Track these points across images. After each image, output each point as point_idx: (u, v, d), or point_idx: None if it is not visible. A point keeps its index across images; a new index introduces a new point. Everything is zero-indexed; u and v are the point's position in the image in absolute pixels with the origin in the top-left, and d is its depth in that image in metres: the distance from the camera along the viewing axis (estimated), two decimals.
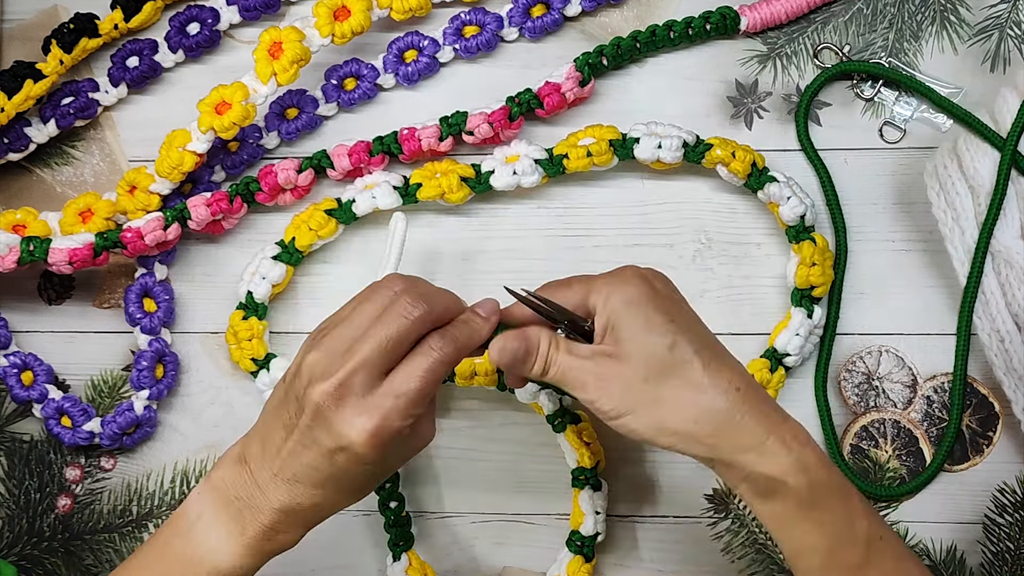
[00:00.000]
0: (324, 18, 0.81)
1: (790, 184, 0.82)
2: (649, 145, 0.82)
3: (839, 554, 0.64)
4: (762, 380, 0.81)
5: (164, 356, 0.84)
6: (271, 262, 0.83)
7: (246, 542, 0.66)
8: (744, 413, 0.64)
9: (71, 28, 0.85)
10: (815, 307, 0.82)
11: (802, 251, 0.81)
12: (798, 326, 0.81)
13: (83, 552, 0.85)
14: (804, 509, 0.64)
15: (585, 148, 0.82)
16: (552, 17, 0.86)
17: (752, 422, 0.64)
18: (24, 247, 0.81)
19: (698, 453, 0.65)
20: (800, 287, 0.81)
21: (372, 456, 0.64)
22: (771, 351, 0.82)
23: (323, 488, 0.66)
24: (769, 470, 0.63)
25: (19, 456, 0.85)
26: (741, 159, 0.81)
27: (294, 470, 0.66)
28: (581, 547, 0.81)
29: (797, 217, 0.81)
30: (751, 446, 0.64)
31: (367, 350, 0.64)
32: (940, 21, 0.85)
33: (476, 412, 0.84)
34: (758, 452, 0.64)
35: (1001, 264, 0.79)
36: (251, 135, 0.86)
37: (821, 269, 0.81)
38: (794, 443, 0.64)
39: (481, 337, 0.68)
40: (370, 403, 0.64)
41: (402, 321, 0.65)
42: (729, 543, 0.83)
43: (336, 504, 0.67)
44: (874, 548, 0.64)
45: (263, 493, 0.66)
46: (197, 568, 0.66)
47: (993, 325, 0.80)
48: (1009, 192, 0.79)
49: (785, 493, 0.64)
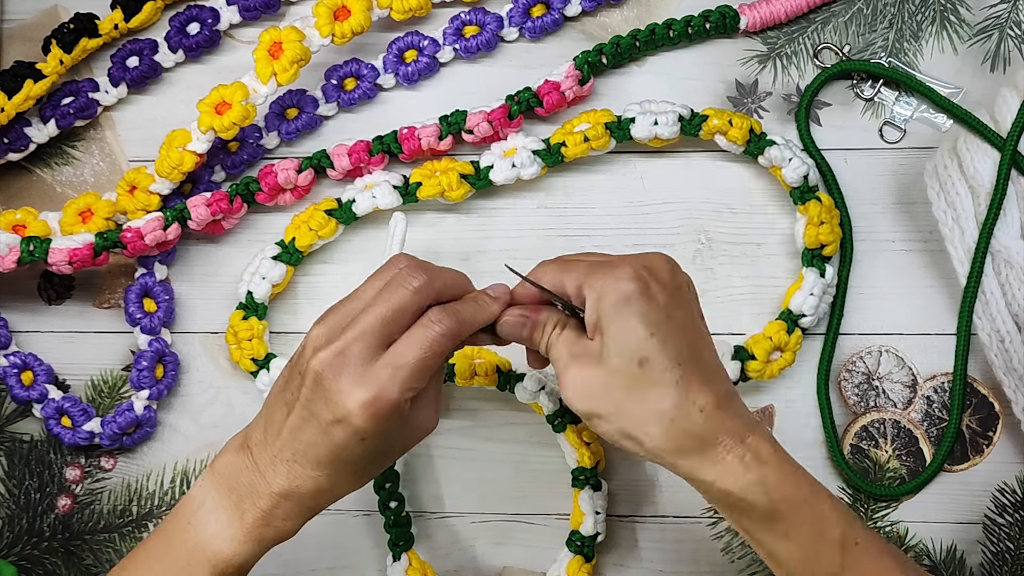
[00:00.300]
0: (324, 18, 0.81)
1: (790, 146, 0.82)
2: (645, 123, 0.82)
3: (813, 563, 0.65)
4: (780, 342, 0.81)
5: (164, 356, 0.84)
6: (271, 262, 0.83)
7: (245, 528, 0.66)
8: (706, 433, 0.64)
9: (71, 28, 0.85)
10: (826, 266, 0.81)
11: (808, 211, 0.81)
12: (812, 285, 0.81)
13: (83, 552, 0.85)
14: (769, 522, 0.65)
15: (582, 134, 0.82)
16: (552, 17, 0.86)
17: (713, 441, 0.64)
18: (24, 247, 0.81)
19: (664, 462, 0.65)
20: (810, 247, 0.81)
21: (369, 429, 0.64)
22: (786, 312, 0.82)
23: (322, 469, 0.65)
24: (729, 487, 0.64)
25: (19, 456, 0.85)
26: (739, 126, 0.81)
27: (293, 449, 0.66)
28: (581, 547, 0.81)
29: (800, 177, 0.81)
30: (710, 465, 0.64)
31: (367, 320, 0.65)
32: (940, 21, 0.85)
33: (476, 412, 0.84)
34: (717, 471, 0.64)
35: (1001, 264, 0.79)
36: (251, 135, 0.86)
37: (829, 227, 0.81)
38: (753, 462, 0.64)
39: (488, 315, 0.68)
40: (368, 373, 0.64)
41: (402, 291, 0.65)
42: (729, 543, 0.83)
43: (335, 488, 0.67)
44: (850, 554, 0.65)
45: (263, 477, 0.66)
46: (199, 555, 0.66)
47: (993, 325, 0.80)
48: (1009, 192, 0.79)
49: (747, 508, 0.65)
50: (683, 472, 0.65)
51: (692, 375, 0.65)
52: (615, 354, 0.64)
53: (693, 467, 0.65)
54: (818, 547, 0.65)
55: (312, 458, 0.65)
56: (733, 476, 0.64)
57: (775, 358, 0.81)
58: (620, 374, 0.64)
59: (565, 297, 0.67)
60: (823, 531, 0.65)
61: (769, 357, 0.81)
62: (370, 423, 0.64)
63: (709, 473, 0.64)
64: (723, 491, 0.64)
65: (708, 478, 0.64)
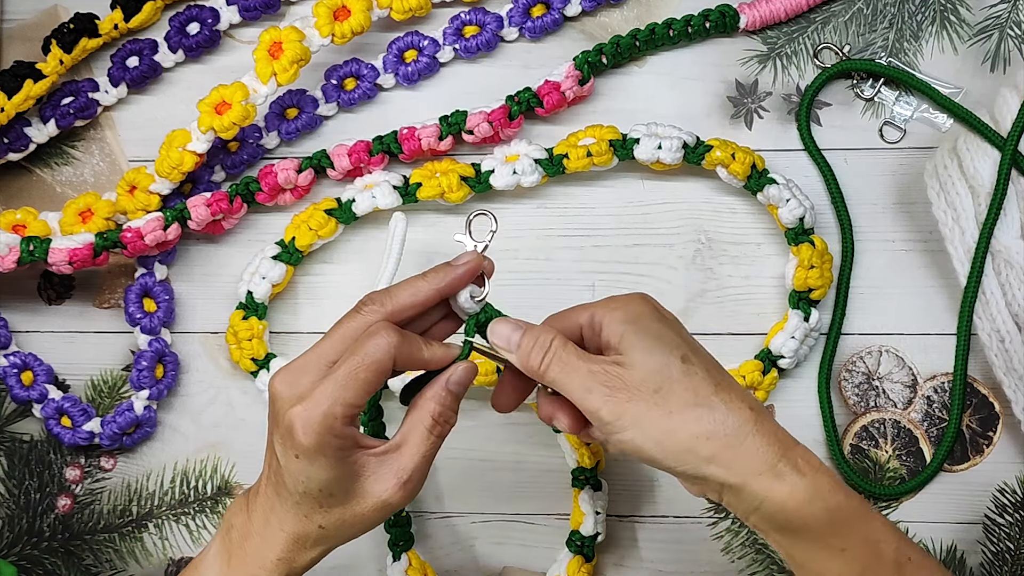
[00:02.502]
0: (324, 18, 0.81)
1: (789, 186, 0.82)
2: (649, 146, 0.82)
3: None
4: (753, 382, 0.81)
5: (164, 356, 0.84)
6: (271, 262, 0.83)
7: (232, 572, 0.66)
8: (755, 434, 0.61)
9: (71, 28, 0.85)
10: (812, 310, 0.81)
11: (801, 253, 0.81)
12: (794, 329, 0.81)
13: (83, 552, 0.85)
14: (824, 537, 0.61)
15: (585, 148, 0.82)
16: (552, 17, 0.86)
17: (763, 443, 0.61)
18: (24, 247, 0.81)
19: (705, 474, 0.61)
20: (798, 289, 0.81)
21: (301, 443, 0.61)
22: (765, 352, 0.82)
23: (281, 499, 0.64)
24: (782, 496, 0.60)
25: (19, 456, 0.85)
26: (741, 160, 0.81)
27: (266, 479, 0.65)
28: (581, 547, 0.81)
29: (796, 219, 0.81)
30: (762, 469, 0.61)
31: (318, 346, 0.64)
32: (940, 21, 0.85)
33: (476, 412, 0.84)
34: (770, 475, 0.61)
35: (1001, 264, 0.79)
36: (251, 135, 0.86)
37: (819, 272, 0.81)
38: (807, 467, 0.61)
39: (421, 293, 0.65)
40: (309, 388, 0.63)
41: (353, 315, 0.64)
42: (729, 543, 0.83)
43: (301, 531, 0.65)
44: (905, 571, 0.62)
45: (249, 518, 0.66)
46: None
47: (993, 325, 0.80)
48: (1009, 192, 0.79)
49: (802, 521, 0.61)
50: (729, 478, 0.61)
51: (728, 378, 0.63)
52: (648, 358, 0.62)
53: (742, 471, 0.61)
54: (872, 565, 0.61)
55: (274, 485, 0.65)
56: (788, 482, 0.60)
57: None
58: (658, 375, 0.62)
59: (576, 333, 0.65)
60: (877, 547, 0.62)
61: None
62: (300, 436, 0.62)
63: (761, 479, 0.60)
64: (774, 501, 0.61)
65: (759, 485, 0.60)
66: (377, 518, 0.65)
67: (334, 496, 0.64)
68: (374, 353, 0.62)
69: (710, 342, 0.83)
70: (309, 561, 0.66)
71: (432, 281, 0.66)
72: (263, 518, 0.66)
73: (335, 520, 0.65)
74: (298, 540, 0.65)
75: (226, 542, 0.67)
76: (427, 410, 0.65)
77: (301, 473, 0.63)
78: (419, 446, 0.64)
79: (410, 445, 0.64)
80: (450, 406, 0.66)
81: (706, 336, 0.83)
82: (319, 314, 0.85)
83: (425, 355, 0.65)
